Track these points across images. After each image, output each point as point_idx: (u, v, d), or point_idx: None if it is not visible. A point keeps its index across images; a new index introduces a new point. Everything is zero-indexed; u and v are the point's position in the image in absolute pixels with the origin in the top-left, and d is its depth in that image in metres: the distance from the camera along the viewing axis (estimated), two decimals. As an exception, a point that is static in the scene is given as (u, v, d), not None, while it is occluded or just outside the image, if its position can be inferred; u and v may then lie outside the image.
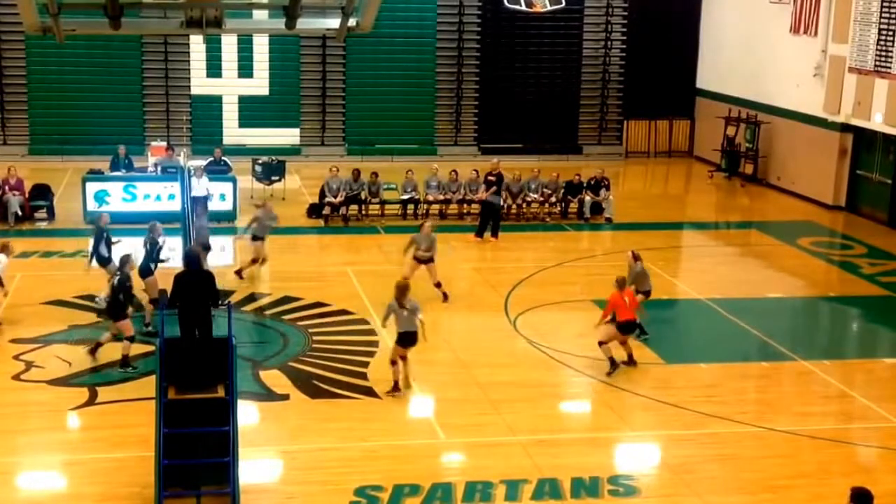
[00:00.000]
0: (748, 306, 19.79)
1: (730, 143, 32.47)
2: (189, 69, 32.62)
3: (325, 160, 30.30)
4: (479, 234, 24.20)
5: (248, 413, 14.34)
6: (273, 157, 28.28)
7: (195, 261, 13.42)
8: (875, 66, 26.39)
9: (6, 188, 24.40)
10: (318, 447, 13.70)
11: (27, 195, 24.77)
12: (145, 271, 17.66)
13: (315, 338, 17.60)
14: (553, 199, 26.30)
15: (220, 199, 24.89)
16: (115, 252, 18.09)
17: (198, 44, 31.56)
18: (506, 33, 34.00)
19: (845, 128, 27.94)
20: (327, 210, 25.31)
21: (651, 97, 35.04)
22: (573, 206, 26.49)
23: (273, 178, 27.72)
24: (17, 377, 15.68)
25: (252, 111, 32.95)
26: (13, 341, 16.98)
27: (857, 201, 28.16)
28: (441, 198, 25.87)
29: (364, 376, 16.06)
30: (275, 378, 15.87)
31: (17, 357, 16.38)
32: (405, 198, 25.75)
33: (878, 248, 24.78)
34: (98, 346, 16.21)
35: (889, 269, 23.15)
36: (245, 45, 32.52)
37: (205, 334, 12.80)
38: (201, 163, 26.20)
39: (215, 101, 32.87)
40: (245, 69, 32.80)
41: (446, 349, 17.25)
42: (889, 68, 25.91)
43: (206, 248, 18.90)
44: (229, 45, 32.45)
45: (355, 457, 13.40)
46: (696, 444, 14.11)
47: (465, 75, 34.12)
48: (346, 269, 21.30)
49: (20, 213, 24.30)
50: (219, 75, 32.80)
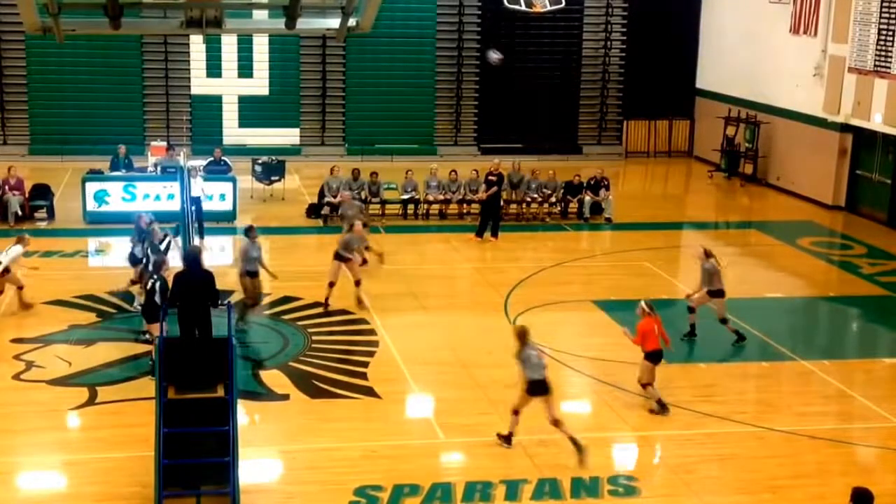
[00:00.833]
0: (748, 306, 19.79)
1: (729, 143, 32.47)
2: (189, 69, 32.62)
3: (325, 160, 30.29)
4: (480, 234, 24.21)
5: (248, 413, 14.35)
6: (273, 157, 28.29)
7: (195, 261, 13.43)
8: (875, 66, 26.40)
9: (6, 188, 24.42)
10: (318, 447, 13.71)
11: (27, 195, 24.78)
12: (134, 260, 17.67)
13: (315, 338, 17.60)
14: (553, 199, 26.33)
15: (221, 199, 24.92)
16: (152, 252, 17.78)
17: (198, 44, 31.57)
18: (506, 33, 34.01)
19: (845, 128, 27.94)
20: (326, 210, 25.32)
21: (651, 97, 35.04)
22: (573, 207, 26.51)
23: (273, 178, 27.73)
24: (17, 377, 15.69)
25: (252, 111, 32.94)
26: (13, 341, 16.99)
27: (856, 201, 28.16)
28: (441, 198, 25.89)
29: (364, 376, 16.07)
30: (275, 378, 15.87)
31: (17, 357, 16.38)
32: (405, 198, 25.78)
33: (878, 248, 24.79)
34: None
35: (889, 269, 23.16)
36: (245, 45, 32.52)
37: (205, 334, 12.81)
38: (201, 163, 26.24)
39: (215, 101, 32.87)
40: (245, 69, 32.80)
41: (446, 349, 17.27)
42: (889, 68, 25.91)
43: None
44: (229, 45, 32.46)
45: (355, 457, 13.40)
46: (695, 444, 14.12)
47: (464, 75, 34.13)
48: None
49: (20, 212, 24.31)
50: (219, 75, 32.80)
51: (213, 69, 32.70)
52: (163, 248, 17.68)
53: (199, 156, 27.89)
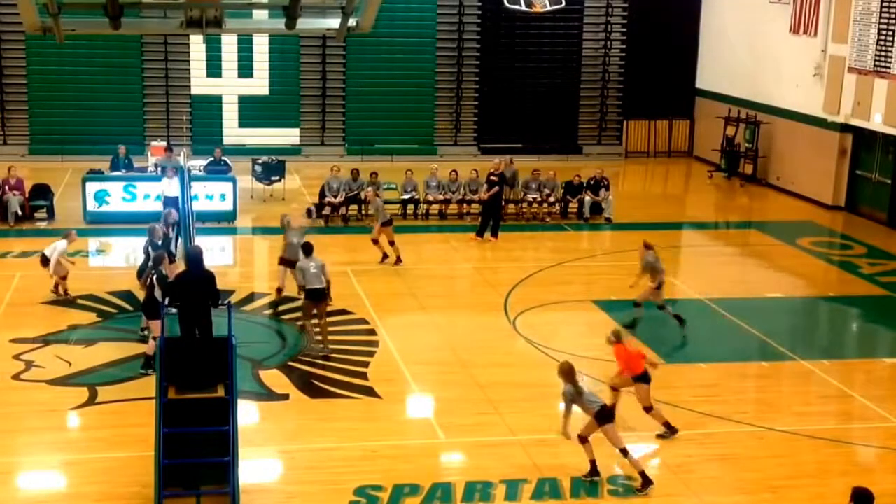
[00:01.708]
0: (748, 306, 19.80)
1: (729, 143, 32.47)
2: (189, 69, 32.61)
3: (325, 160, 30.30)
4: (480, 233, 24.21)
5: (248, 413, 14.35)
6: (273, 157, 28.28)
7: (196, 260, 13.42)
8: (875, 66, 26.40)
9: (6, 188, 24.41)
10: (318, 447, 13.71)
11: (27, 195, 24.78)
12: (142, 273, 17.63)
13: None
14: (552, 199, 26.33)
15: (221, 199, 24.93)
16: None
17: (198, 44, 31.57)
18: (506, 33, 34.02)
19: (845, 128, 27.94)
20: (327, 210, 25.32)
21: (651, 97, 35.04)
22: (573, 206, 26.51)
23: (273, 178, 27.73)
24: (17, 377, 15.69)
25: (252, 111, 32.94)
26: (13, 341, 16.99)
27: (856, 201, 28.16)
28: (441, 198, 25.89)
29: (364, 376, 16.08)
30: (275, 378, 15.88)
31: (17, 357, 16.38)
32: (405, 198, 25.78)
33: (878, 248, 24.79)
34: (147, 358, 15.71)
35: (889, 269, 23.15)
36: (245, 45, 32.52)
37: (205, 334, 12.81)
38: (201, 163, 26.22)
39: (215, 101, 32.87)
40: (245, 69, 32.79)
41: (446, 349, 17.27)
42: (889, 68, 25.91)
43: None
44: (229, 45, 32.45)
45: (355, 457, 13.41)
46: (695, 444, 14.11)
47: (465, 75, 34.13)
48: (346, 269, 21.28)
49: (20, 212, 24.31)
50: (219, 75, 32.80)
51: (213, 69, 32.70)
52: (160, 243, 17.68)
53: (200, 156, 27.93)
